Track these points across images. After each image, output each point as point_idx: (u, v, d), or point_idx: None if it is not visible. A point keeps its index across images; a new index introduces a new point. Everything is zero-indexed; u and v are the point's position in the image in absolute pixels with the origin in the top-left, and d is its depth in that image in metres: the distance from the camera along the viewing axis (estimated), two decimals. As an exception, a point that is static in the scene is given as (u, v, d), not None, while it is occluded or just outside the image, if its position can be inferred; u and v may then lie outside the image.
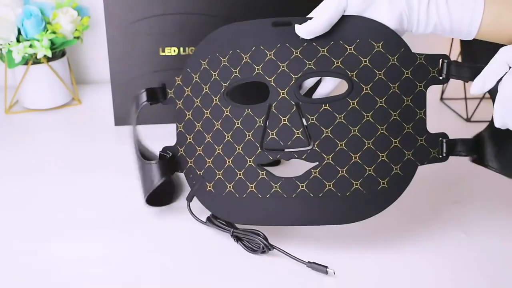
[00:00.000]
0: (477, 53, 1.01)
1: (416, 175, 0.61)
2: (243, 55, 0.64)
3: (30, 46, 0.99)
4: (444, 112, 1.04)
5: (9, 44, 1.00)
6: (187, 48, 0.96)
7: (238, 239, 0.65)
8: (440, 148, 0.62)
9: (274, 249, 0.63)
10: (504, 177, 0.59)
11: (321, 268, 0.60)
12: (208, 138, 0.66)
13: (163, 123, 0.97)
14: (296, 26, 0.61)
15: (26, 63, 1.03)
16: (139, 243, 0.66)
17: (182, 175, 0.73)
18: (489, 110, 0.59)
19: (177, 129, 0.69)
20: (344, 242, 0.66)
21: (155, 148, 0.72)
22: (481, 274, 0.60)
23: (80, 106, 1.09)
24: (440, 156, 0.62)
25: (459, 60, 1.05)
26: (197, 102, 0.67)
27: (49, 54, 0.99)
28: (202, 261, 0.63)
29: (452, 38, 1.08)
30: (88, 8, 1.09)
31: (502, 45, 0.58)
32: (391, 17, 0.60)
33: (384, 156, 0.61)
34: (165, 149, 0.70)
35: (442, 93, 1.08)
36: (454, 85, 0.95)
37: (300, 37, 0.62)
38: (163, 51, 0.96)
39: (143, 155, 0.70)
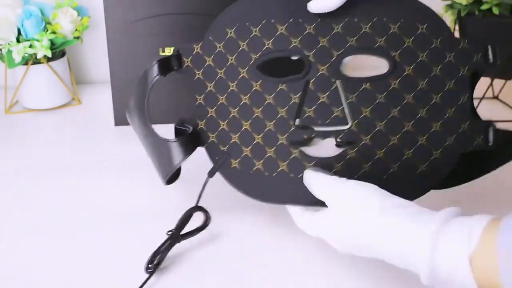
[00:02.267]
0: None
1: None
2: (278, 26, 0.62)
3: (30, 46, 0.99)
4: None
5: (9, 44, 1.00)
6: (187, 48, 0.96)
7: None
8: (485, 136, 0.60)
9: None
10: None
11: None
12: (234, 112, 0.63)
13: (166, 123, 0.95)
14: (308, 4, 0.59)
15: (26, 63, 1.03)
16: (138, 243, 0.66)
17: None
18: None
19: (196, 101, 0.65)
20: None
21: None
22: (481, 274, 0.60)
23: (80, 106, 1.09)
24: (487, 145, 0.60)
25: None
26: (220, 73, 0.64)
27: (49, 54, 1.00)
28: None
29: None
30: (88, 8, 1.09)
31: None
32: None
33: (424, 140, 0.59)
34: (182, 121, 0.66)
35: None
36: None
37: (322, 12, 0.59)
38: (163, 51, 0.96)
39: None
